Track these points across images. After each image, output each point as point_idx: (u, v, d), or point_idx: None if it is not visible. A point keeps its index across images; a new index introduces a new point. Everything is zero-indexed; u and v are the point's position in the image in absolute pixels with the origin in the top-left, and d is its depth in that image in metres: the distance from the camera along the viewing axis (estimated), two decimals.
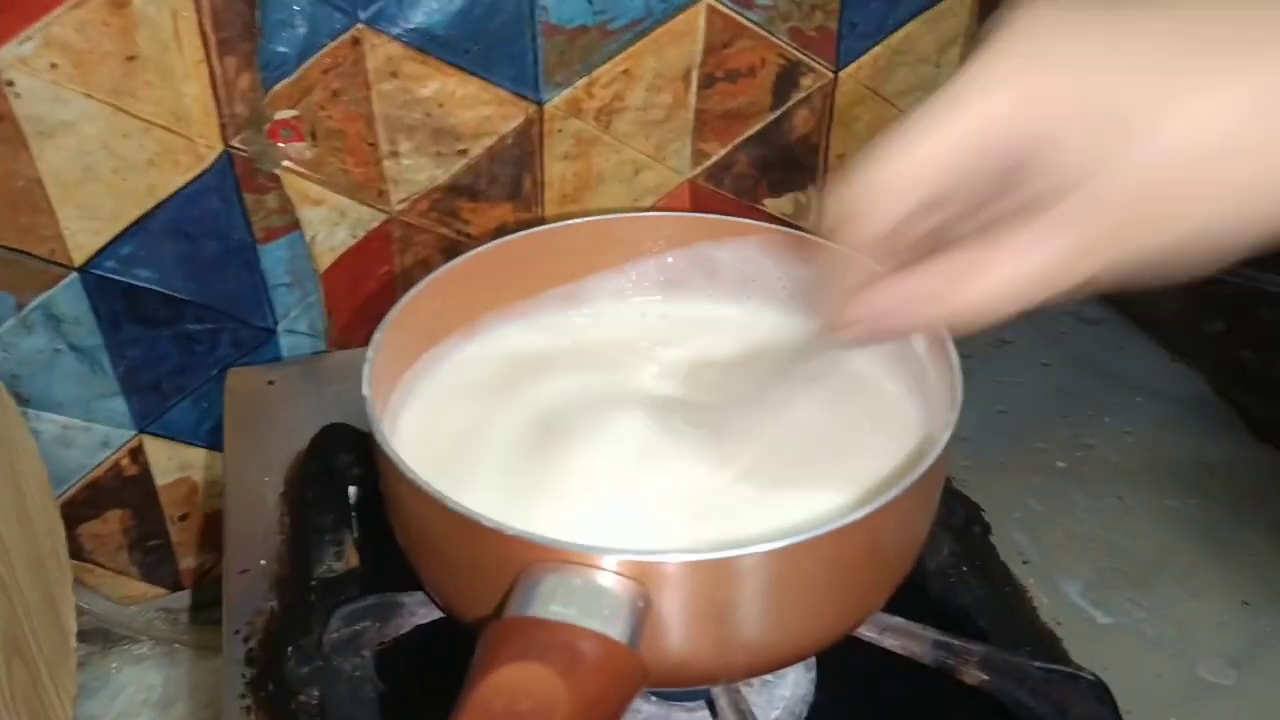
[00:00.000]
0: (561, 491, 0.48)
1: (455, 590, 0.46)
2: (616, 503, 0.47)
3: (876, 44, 0.83)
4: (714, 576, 0.40)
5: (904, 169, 0.35)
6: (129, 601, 0.85)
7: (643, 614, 0.38)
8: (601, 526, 0.46)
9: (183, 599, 0.86)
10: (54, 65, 0.65)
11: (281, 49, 0.69)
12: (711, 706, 0.50)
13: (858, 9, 0.80)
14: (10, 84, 0.65)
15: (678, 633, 0.40)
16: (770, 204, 0.88)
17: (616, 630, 0.36)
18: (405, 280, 0.81)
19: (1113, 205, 0.32)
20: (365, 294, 0.80)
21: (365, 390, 0.48)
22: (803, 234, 0.59)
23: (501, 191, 0.79)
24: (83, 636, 0.76)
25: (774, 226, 0.60)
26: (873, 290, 0.38)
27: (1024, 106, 0.33)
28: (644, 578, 0.39)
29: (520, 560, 0.39)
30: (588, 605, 0.37)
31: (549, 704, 0.32)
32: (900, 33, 0.83)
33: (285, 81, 0.70)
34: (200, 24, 0.67)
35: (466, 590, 0.44)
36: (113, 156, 0.69)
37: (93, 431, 0.79)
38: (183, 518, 0.85)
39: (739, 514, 0.47)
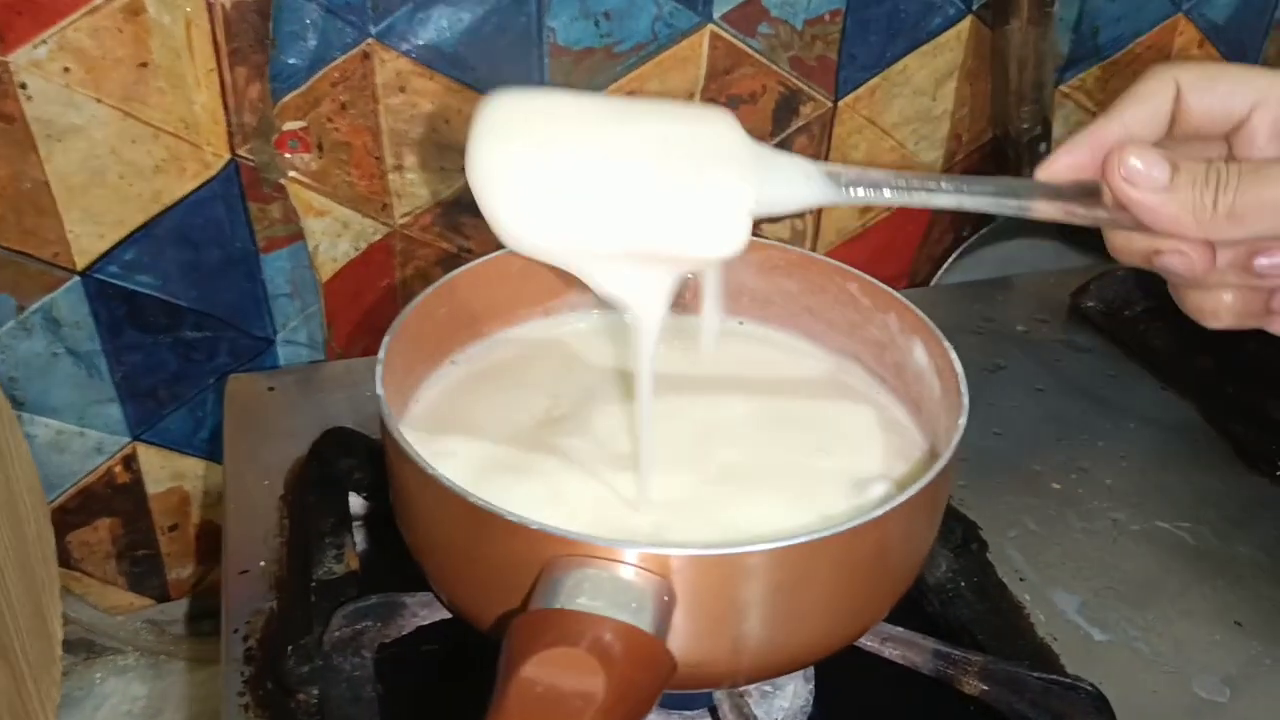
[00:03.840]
0: (569, 489, 0.48)
1: (469, 588, 0.46)
2: (626, 499, 0.47)
3: (875, 75, 0.85)
4: (737, 571, 0.40)
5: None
6: (115, 612, 0.84)
7: (668, 608, 0.38)
8: (615, 526, 0.46)
9: (170, 610, 0.86)
10: (67, 69, 0.66)
11: (292, 60, 0.70)
12: (713, 714, 0.51)
13: (857, 41, 0.82)
14: (23, 87, 0.65)
15: (698, 628, 0.41)
16: (768, 229, 0.89)
17: (645, 622, 0.37)
18: (405, 293, 0.81)
19: None
20: (365, 306, 0.81)
21: (379, 390, 0.47)
22: (803, 252, 0.60)
23: None
24: (67, 646, 0.75)
25: (772, 242, 0.61)
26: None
27: None
28: (668, 572, 0.39)
29: (543, 555, 0.39)
30: (615, 598, 0.37)
31: (590, 685, 0.32)
32: (898, 65, 0.85)
33: (294, 93, 0.71)
34: (213, 33, 0.68)
35: (483, 587, 0.44)
36: (120, 162, 0.69)
37: (87, 437, 0.78)
38: (173, 528, 0.84)
39: (733, 517, 0.48)
